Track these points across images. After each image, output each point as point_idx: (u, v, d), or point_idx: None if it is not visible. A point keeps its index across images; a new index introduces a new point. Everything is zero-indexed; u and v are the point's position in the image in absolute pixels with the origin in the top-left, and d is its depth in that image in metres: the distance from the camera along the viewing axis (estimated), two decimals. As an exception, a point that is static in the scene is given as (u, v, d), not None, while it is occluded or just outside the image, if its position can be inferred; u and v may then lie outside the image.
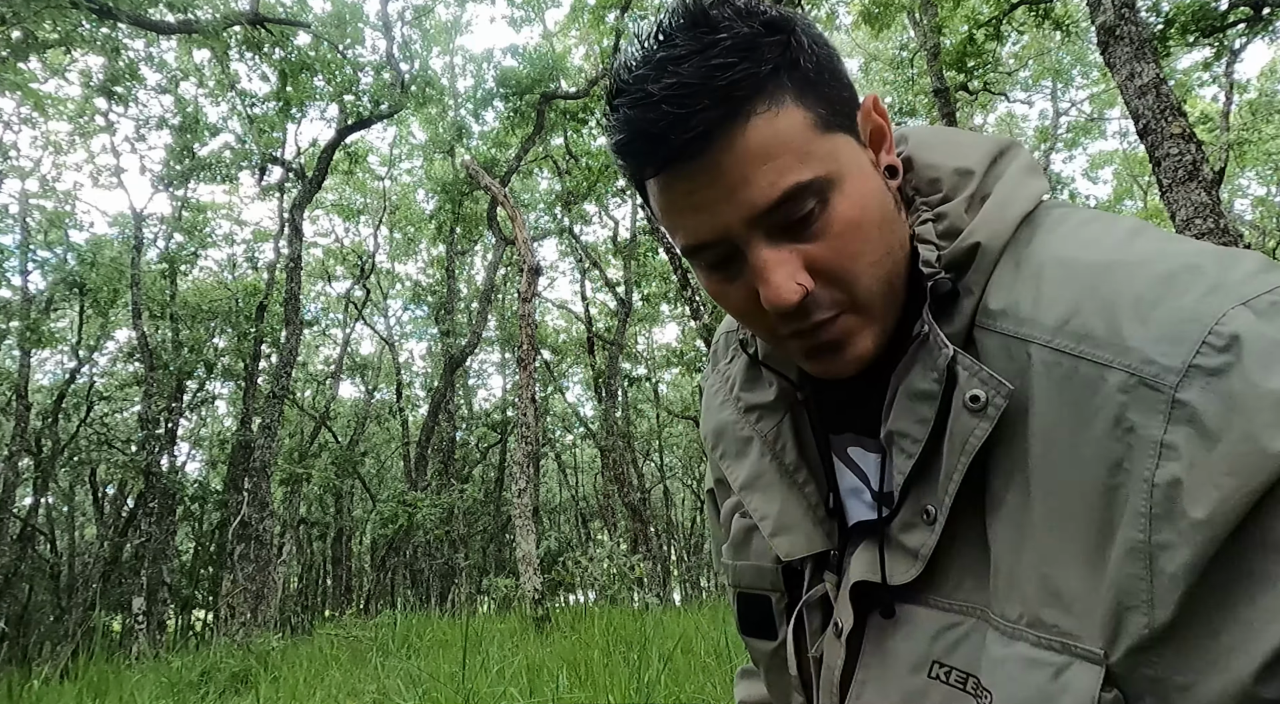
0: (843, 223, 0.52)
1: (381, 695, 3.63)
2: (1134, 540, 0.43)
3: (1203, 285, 0.44)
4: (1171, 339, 0.43)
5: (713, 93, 0.49)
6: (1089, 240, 0.51)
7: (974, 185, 0.57)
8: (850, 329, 0.55)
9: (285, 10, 12.03)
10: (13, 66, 8.83)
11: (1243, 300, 0.42)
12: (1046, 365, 0.48)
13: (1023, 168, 0.58)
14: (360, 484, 20.04)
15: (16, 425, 12.81)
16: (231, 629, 9.25)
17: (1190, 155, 4.38)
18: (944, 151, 0.60)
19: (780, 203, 0.51)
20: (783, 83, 0.51)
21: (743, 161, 0.50)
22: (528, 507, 7.84)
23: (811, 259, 0.53)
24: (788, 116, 0.51)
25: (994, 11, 10.18)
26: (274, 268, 14.73)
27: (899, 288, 0.56)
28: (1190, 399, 0.41)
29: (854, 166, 0.53)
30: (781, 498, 0.65)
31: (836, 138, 0.53)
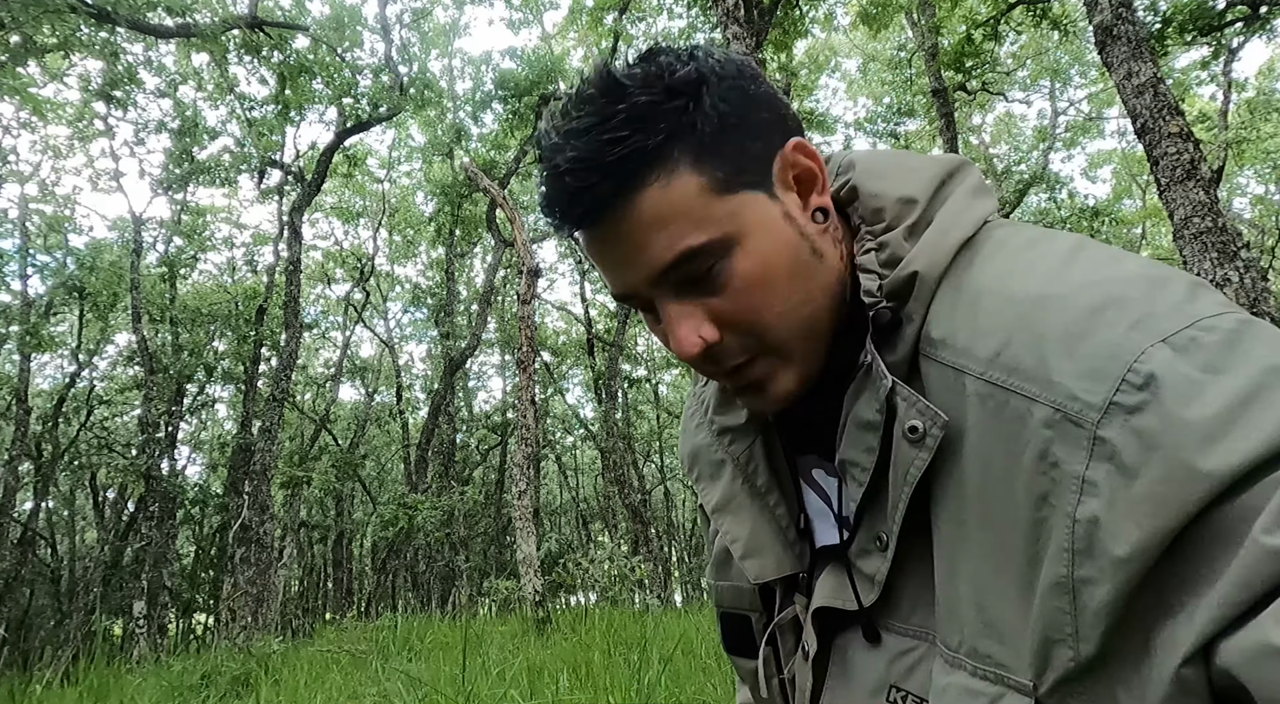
0: (744, 279, 0.55)
1: (382, 698, 3.63)
2: (1058, 575, 0.44)
3: (1126, 320, 0.44)
4: (1093, 375, 0.43)
5: (605, 168, 0.53)
6: (1024, 269, 0.51)
7: (916, 213, 0.58)
8: (767, 372, 0.58)
9: (284, 13, 12.04)
10: (12, 71, 8.84)
11: (1163, 337, 0.42)
12: (980, 397, 0.49)
13: (968, 191, 0.59)
14: (361, 487, 20.03)
15: (16, 430, 12.81)
16: (232, 632, 9.24)
17: (1188, 154, 4.39)
18: (889, 179, 0.60)
19: (675, 265, 0.54)
20: (677, 151, 0.53)
21: (638, 229, 0.54)
22: (528, 508, 7.84)
23: (716, 312, 0.56)
24: (681, 184, 0.53)
25: (992, 11, 10.19)
26: (273, 271, 14.73)
27: (824, 327, 0.58)
28: (1110, 436, 0.42)
29: (757, 223, 0.55)
30: (753, 520, 0.66)
31: (738, 197, 0.55)
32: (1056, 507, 0.44)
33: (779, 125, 0.58)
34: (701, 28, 12.09)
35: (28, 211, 13.79)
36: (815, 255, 0.57)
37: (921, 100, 14.03)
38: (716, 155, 0.54)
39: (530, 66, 13.33)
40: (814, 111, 15.69)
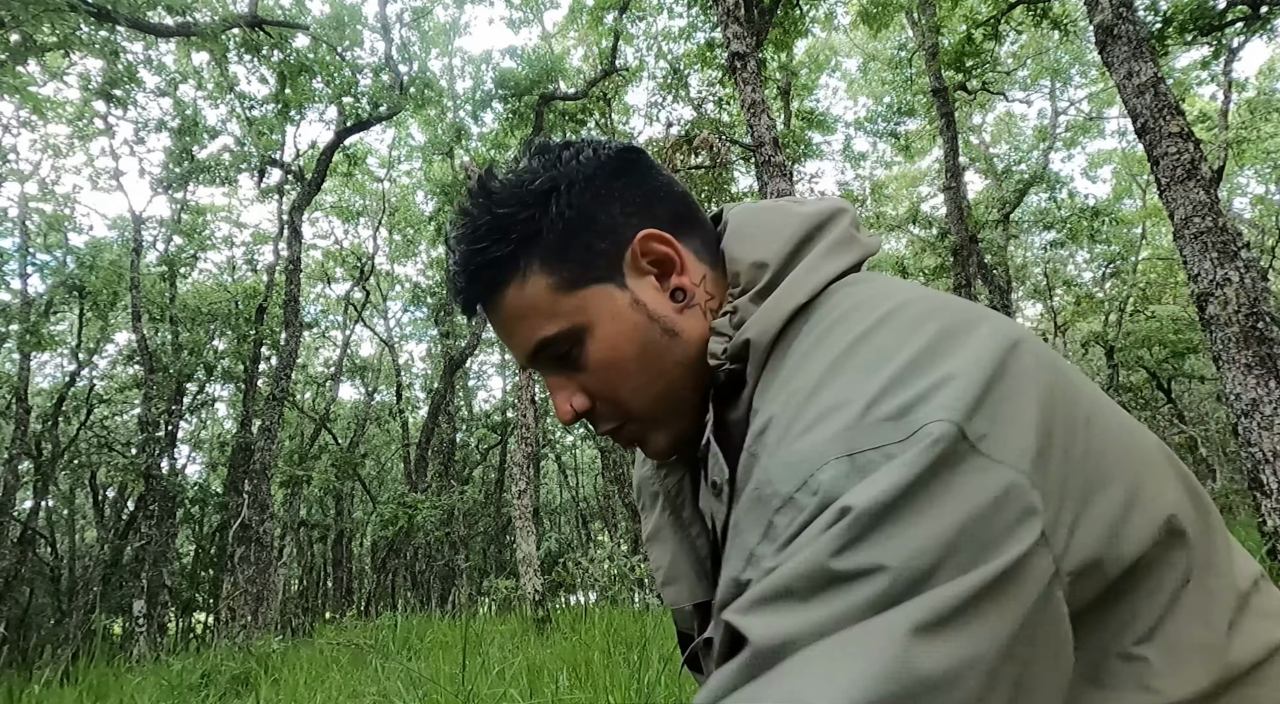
0: (596, 362, 0.63)
1: (382, 697, 3.63)
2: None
3: (837, 426, 0.47)
4: (791, 468, 0.47)
5: (473, 274, 0.64)
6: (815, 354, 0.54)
7: (766, 278, 0.61)
8: (638, 434, 0.66)
9: (284, 12, 12.04)
10: (12, 70, 8.84)
11: (849, 452, 0.45)
12: (744, 464, 0.54)
13: (824, 250, 0.62)
14: (360, 486, 20.04)
15: (16, 429, 12.81)
16: (232, 631, 9.24)
17: (1188, 154, 4.38)
18: (748, 241, 0.65)
19: (537, 352, 0.64)
20: (527, 257, 0.62)
21: (505, 321, 0.65)
22: (528, 508, 7.84)
23: (584, 386, 0.65)
24: (534, 284, 0.62)
25: (992, 11, 10.19)
26: (273, 270, 14.73)
27: (685, 395, 0.64)
28: (779, 523, 0.46)
29: (605, 313, 0.63)
30: (674, 550, 0.71)
31: (586, 292, 0.63)
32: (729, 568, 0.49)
33: (638, 216, 0.64)
34: (701, 27, 12.08)
35: (28, 210, 13.78)
36: (668, 335, 0.63)
37: (922, 100, 14.02)
38: (563, 257, 0.62)
39: (530, 66, 13.32)
40: (814, 111, 15.69)
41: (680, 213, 0.67)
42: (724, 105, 12.60)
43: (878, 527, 0.42)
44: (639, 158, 0.67)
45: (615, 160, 0.66)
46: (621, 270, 0.63)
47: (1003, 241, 15.05)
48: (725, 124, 12.49)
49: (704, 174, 13.64)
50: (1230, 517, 10.10)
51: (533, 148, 0.67)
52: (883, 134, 16.22)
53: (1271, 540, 3.98)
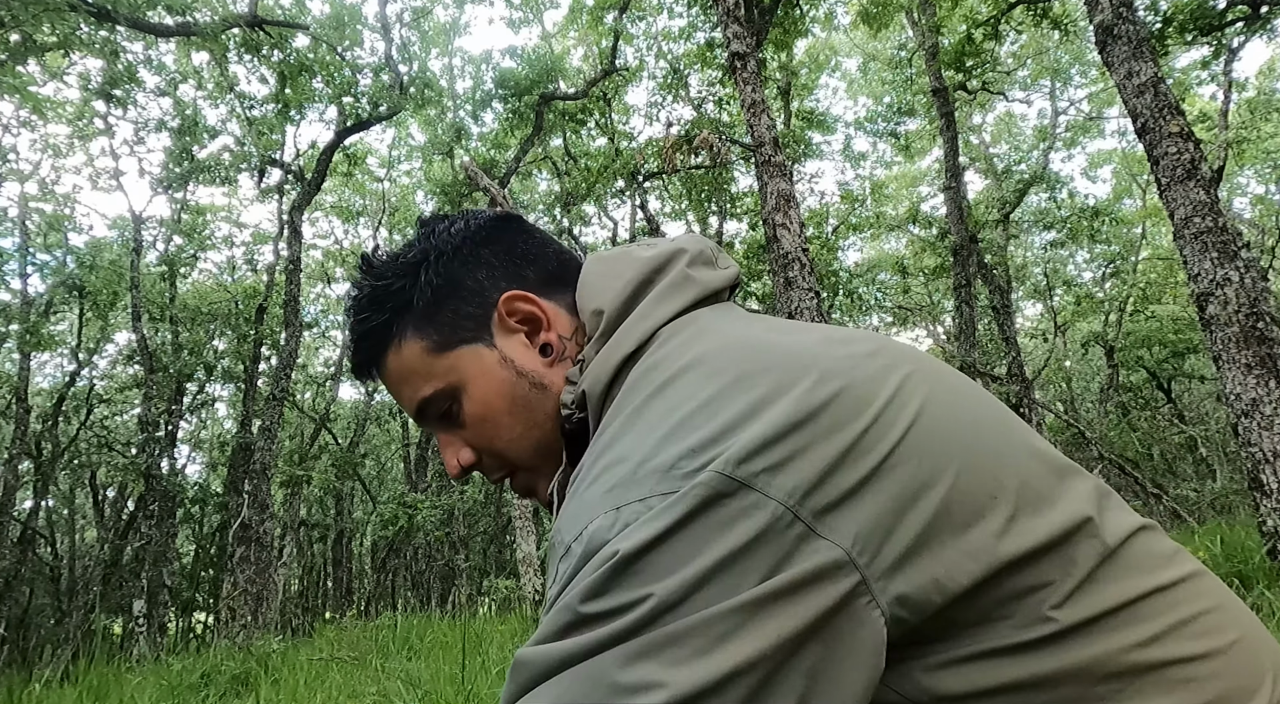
0: (472, 418, 0.67)
1: (382, 697, 3.63)
2: None
3: (612, 481, 0.49)
4: (574, 518, 0.50)
5: (358, 342, 0.70)
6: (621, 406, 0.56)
7: (603, 325, 0.64)
8: (527, 483, 0.71)
9: (284, 12, 12.03)
10: (12, 70, 8.83)
11: (616, 505, 0.47)
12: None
13: (656, 296, 0.64)
14: (360, 486, 20.03)
15: (16, 428, 12.81)
16: (232, 631, 9.24)
17: (1188, 154, 4.38)
18: (591, 291, 0.67)
19: (420, 410, 0.69)
20: (399, 323, 0.68)
21: (391, 383, 0.70)
22: (528, 508, 7.84)
23: (467, 441, 0.69)
24: (409, 348, 0.68)
25: (992, 11, 10.18)
26: (273, 270, 14.73)
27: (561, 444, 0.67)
28: (562, 569, 0.48)
29: (475, 372, 0.67)
30: None
31: (455, 353, 0.67)
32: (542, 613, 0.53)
33: (504, 277, 0.69)
34: (701, 27, 12.08)
35: (28, 210, 13.78)
36: (537, 388, 0.67)
37: (922, 100, 14.02)
38: (432, 322, 0.68)
39: (530, 66, 13.32)
40: (814, 111, 15.69)
41: (551, 272, 0.71)
42: (724, 105, 12.60)
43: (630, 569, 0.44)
44: (510, 224, 0.72)
45: (485, 229, 0.71)
46: (490, 330, 0.68)
47: (1003, 241, 15.04)
48: (725, 124, 12.48)
49: (704, 174, 13.63)
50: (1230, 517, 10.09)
51: (417, 220, 0.73)
52: (883, 134, 16.21)
53: (1271, 540, 3.98)
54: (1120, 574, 0.51)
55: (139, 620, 11.54)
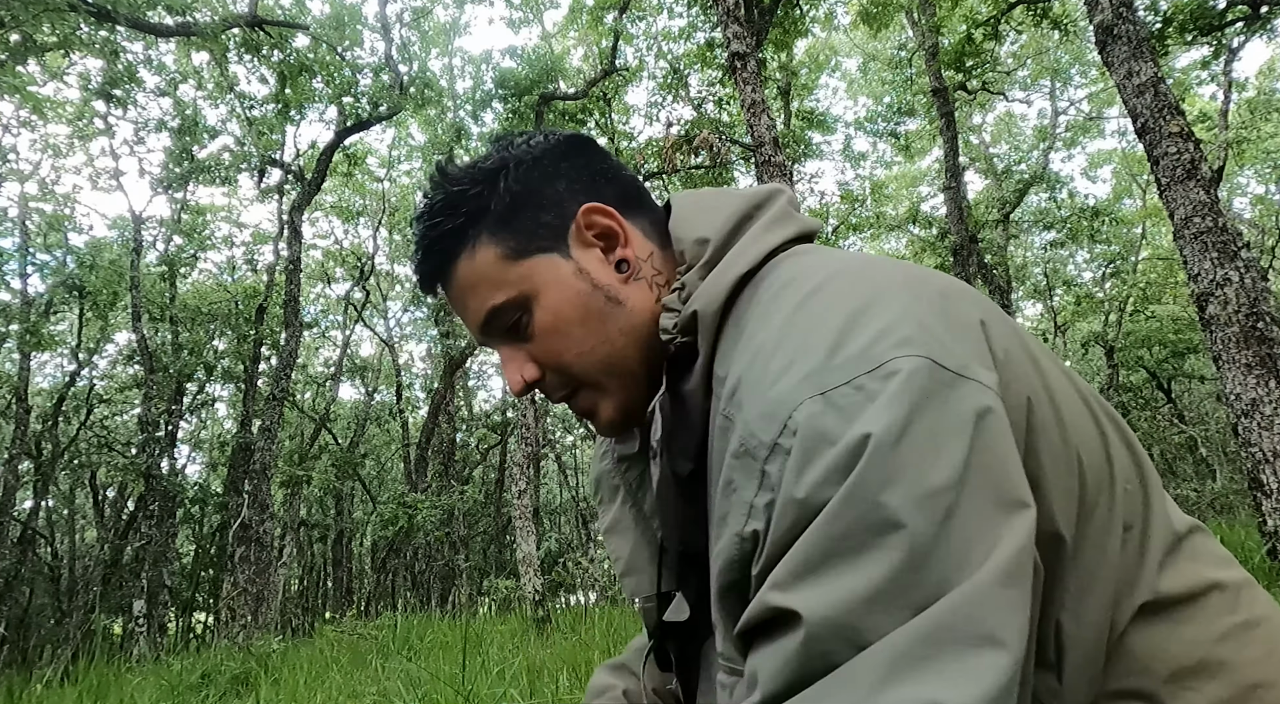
0: (542, 329, 0.66)
1: (382, 697, 3.62)
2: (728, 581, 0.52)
3: (805, 368, 0.50)
4: (770, 417, 0.50)
5: (429, 248, 0.68)
6: (772, 315, 0.57)
7: (709, 253, 0.64)
8: (590, 402, 0.69)
9: (284, 12, 12.03)
10: (12, 70, 8.83)
11: (822, 390, 0.48)
12: (720, 428, 0.55)
13: (764, 224, 0.65)
14: (360, 486, 20.03)
15: (16, 428, 12.80)
16: (232, 631, 9.24)
17: (1188, 154, 4.38)
18: (689, 222, 0.68)
19: (488, 321, 0.67)
20: (475, 229, 0.66)
21: (458, 294, 0.69)
22: (528, 508, 7.84)
23: (531, 355, 0.68)
24: (483, 254, 0.66)
25: (992, 11, 10.18)
26: (273, 270, 14.72)
27: (632, 364, 0.67)
28: (771, 471, 0.49)
29: (550, 281, 0.66)
30: (634, 542, 0.73)
31: (531, 261, 0.66)
32: (729, 526, 0.51)
33: (584, 192, 0.68)
34: (701, 27, 12.08)
35: (28, 210, 13.78)
36: (612, 303, 0.66)
37: (922, 100, 14.01)
38: (509, 229, 0.66)
39: (530, 66, 13.31)
40: (814, 111, 15.68)
41: (628, 193, 0.70)
42: (724, 105, 12.59)
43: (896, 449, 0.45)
44: (588, 143, 0.72)
45: (564, 144, 0.70)
46: (567, 242, 0.67)
47: (1003, 241, 15.04)
48: (725, 124, 12.48)
49: (704, 174, 13.63)
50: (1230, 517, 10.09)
51: (491, 139, 0.72)
52: (883, 134, 16.21)
53: (1271, 540, 3.98)
54: (1184, 564, 0.54)
55: (139, 620, 11.53)
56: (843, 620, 0.44)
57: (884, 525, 0.44)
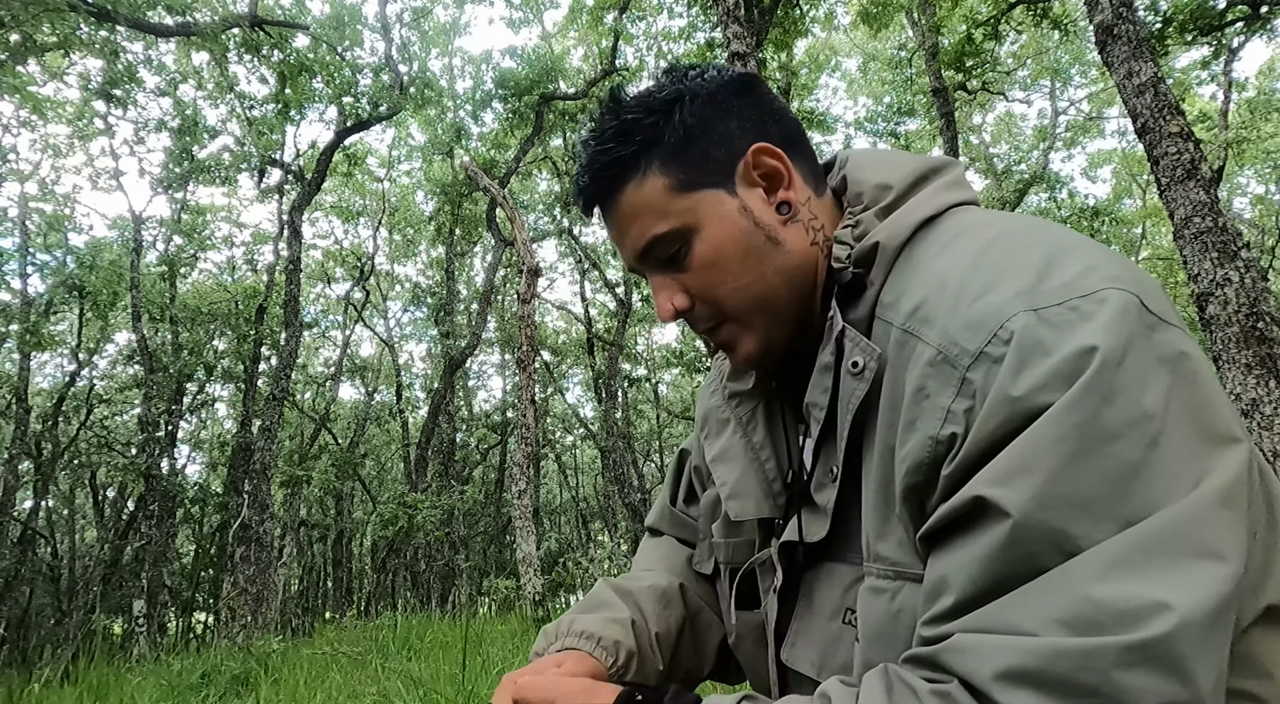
0: (700, 261, 0.68)
1: (382, 697, 3.62)
2: (915, 484, 0.54)
3: (1013, 289, 0.53)
4: (975, 327, 0.52)
5: (597, 171, 0.70)
6: (956, 247, 0.60)
7: (890, 197, 0.68)
8: (733, 335, 0.71)
9: (284, 12, 12.03)
10: (12, 70, 8.83)
11: (1034, 307, 0.51)
12: (897, 343, 0.59)
13: (943, 184, 0.69)
14: (360, 486, 20.03)
15: (16, 428, 12.80)
16: (232, 631, 9.24)
17: (1188, 154, 4.38)
18: (873, 170, 0.70)
19: (647, 250, 0.69)
20: (647, 157, 0.68)
21: (620, 220, 0.70)
22: (528, 508, 7.84)
23: (685, 285, 0.70)
24: (651, 183, 0.68)
25: (992, 11, 10.18)
26: (273, 270, 14.72)
27: (782, 302, 0.69)
28: (975, 378, 0.51)
29: (714, 216, 0.67)
30: (742, 469, 0.77)
31: (697, 195, 0.67)
32: (920, 430, 0.53)
33: (753, 132, 0.69)
34: (701, 27, 12.07)
35: (28, 210, 13.78)
36: (770, 242, 0.68)
37: (922, 100, 14.01)
38: (680, 160, 0.67)
39: (530, 66, 13.31)
40: (814, 111, 15.67)
41: (792, 136, 0.72)
42: (724, 105, 12.57)
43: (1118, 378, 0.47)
44: (758, 82, 0.73)
45: (736, 81, 0.71)
46: (733, 179, 0.68)
47: (1003, 241, 15.02)
48: (725, 124, 12.46)
49: (704, 174, 13.61)
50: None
51: (662, 70, 0.73)
52: (883, 134, 16.20)
53: (1271, 540, 3.98)
54: None
55: (139, 620, 11.53)
56: (1052, 523, 0.46)
57: (1101, 437, 0.46)
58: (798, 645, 0.71)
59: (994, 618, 0.47)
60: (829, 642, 0.67)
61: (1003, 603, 0.46)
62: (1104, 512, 0.45)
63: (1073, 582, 0.44)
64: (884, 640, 0.58)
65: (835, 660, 0.66)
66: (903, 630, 0.56)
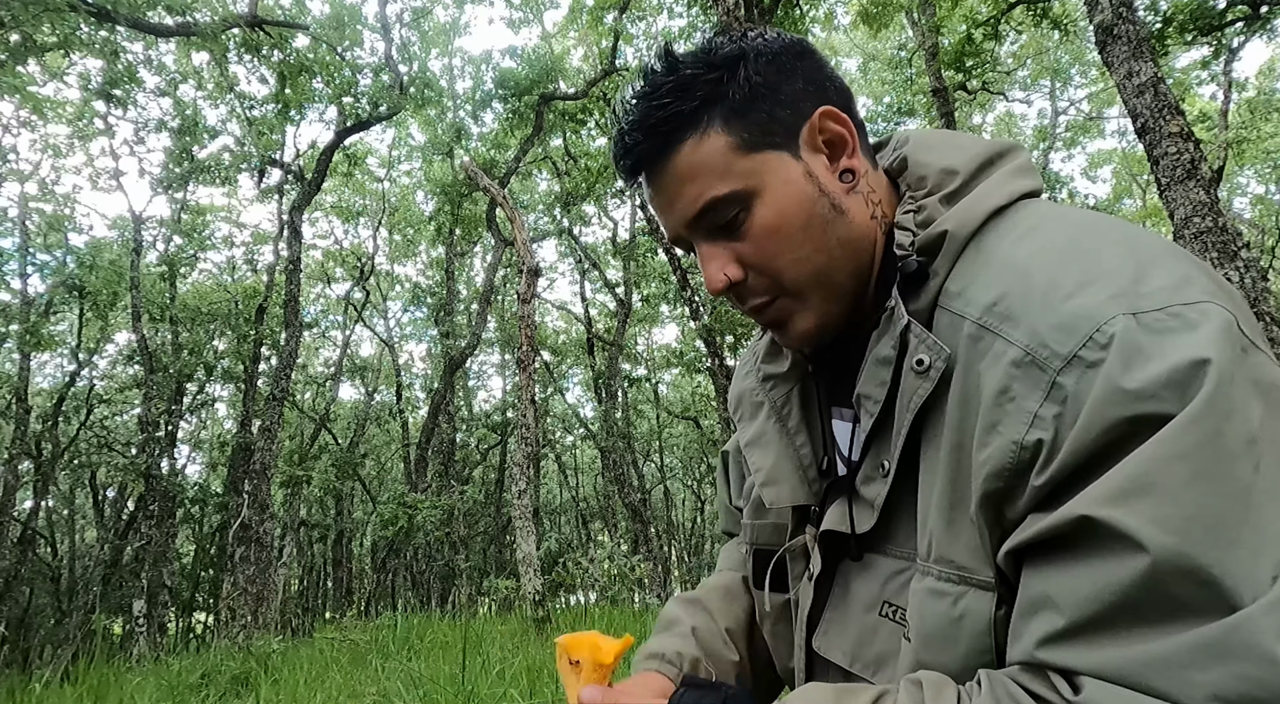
0: (761, 227, 0.63)
1: (382, 697, 3.62)
2: (995, 490, 0.52)
3: (1109, 291, 0.50)
4: (1068, 329, 0.50)
5: (649, 130, 0.64)
6: (1037, 239, 0.57)
7: (956, 183, 0.64)
8: (787, 311, 0.66)
9: (284, 12, 12.03)
10: (12, 70, 8.83)
11: (1133, 311, 0.48)
12: (971, 338, 0.56)
13: (1011, 170, 0.65)
14: (360, 486, 20.03)
15: (16, 429, 12.80)
16: (232, 631, 9.24)
17: (1188, 154, 4.38)
18: (938, 153, 0.67)
19: (703, 213, 0.64)
20: (709, 114, 0.63)
21: (673, 181, 0.64)
22: (528, 508, 7.83)
23: (740, 255, 0.65)
24: (711, 142, 0.63)
25: (992, 11, 10.17)
26: (273, 270, 14.72)
27: (842, 277, 0.65)
28: (1066, 383, 0.49)
29: (778, 179, 0.63)
30: (776, 454, 0.75)
31: (762, 156, 0.63)
32: (1003, 434, 0.51)
33: (816, 95, 0.65)
34: (701, 27, 12.07)
35: (28, 210, 13.78)
36: (835, 210, 0.64)
37: (922, 99, 14.00)
38: (744, 119, 0.63)
39: (530, 66, 13.31)
40: (814, 111, 15.66)
41: (849, 104, 0.68)
42: (724, 105, 12.57)
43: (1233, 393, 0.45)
44: (813, 48, 0.69)
45: (795, 45, 0.68)
46: (798, 142, 0.64)
47: (1003, 241, 15.02)
48: (725, 124, 12.47)
49: (704, 174, 13.61)
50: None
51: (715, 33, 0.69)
52: (883, 134, 16.19)
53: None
54: None
55: (139, 620, 11.53)
56: (1189, 554, 0.42)
57: (1225, 456, 0.44)
58: (830, 634, 0.70)
59: (1135, 673, 0.43)
60: (864, 633, 0.66)
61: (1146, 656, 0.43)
62: (1238, 539, 0.42)
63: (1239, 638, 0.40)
64: (941, 643, 0.56)
65: (868, 652, 0.65)
66: (964, 636, 0.54)
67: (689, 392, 21.12)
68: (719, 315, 10.31)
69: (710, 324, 10.64)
